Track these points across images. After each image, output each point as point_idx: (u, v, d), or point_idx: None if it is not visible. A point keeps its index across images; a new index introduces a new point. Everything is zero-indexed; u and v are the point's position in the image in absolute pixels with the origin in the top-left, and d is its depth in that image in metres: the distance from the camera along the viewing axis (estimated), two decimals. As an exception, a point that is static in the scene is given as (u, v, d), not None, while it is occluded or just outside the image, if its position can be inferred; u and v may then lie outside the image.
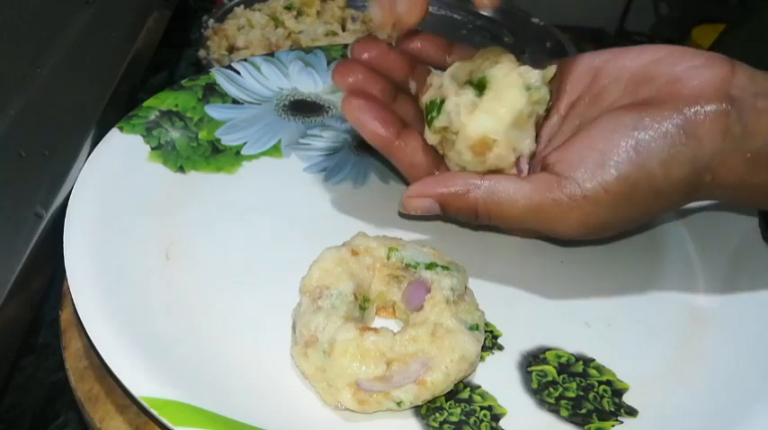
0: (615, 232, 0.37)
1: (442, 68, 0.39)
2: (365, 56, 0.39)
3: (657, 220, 0.43)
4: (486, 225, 0.37)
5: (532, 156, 0.37)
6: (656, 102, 0.34)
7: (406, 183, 0.44)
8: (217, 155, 0.45)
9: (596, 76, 0.38)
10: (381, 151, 0.39)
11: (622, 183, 0.33)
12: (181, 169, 0.43)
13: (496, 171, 0.37)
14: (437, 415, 0.32)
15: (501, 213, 0.35)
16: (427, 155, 0.38)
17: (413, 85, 0.40)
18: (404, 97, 0.40)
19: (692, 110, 0.33)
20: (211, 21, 0.64)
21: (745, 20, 0.64)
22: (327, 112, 0.49)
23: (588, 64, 0.38)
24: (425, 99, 0.38)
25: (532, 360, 0.34)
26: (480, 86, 0.36)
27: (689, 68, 0.34)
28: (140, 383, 0.30)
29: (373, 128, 0.37)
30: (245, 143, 0.46)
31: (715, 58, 0.35)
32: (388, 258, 0.35)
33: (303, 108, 0.49)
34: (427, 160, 0.38)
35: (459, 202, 0.36)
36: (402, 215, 0.41)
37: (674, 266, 0.40)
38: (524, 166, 0.37)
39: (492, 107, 0.36)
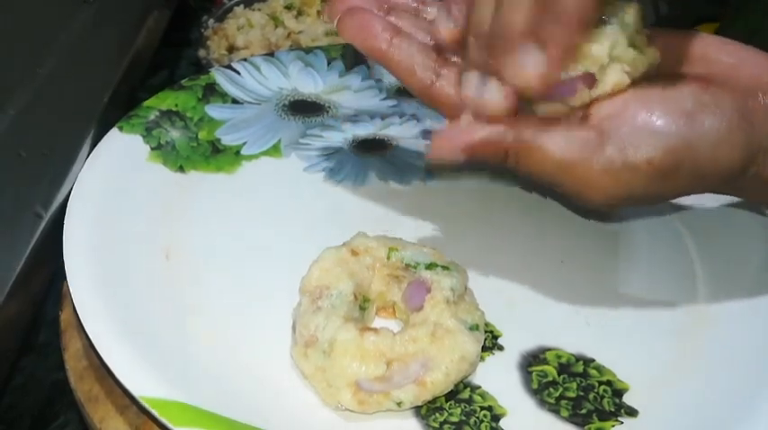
0: (637, 205, 0.35)
1: None
2: None
3: (658, 221, 0.42)
4: (513, 170, 0.34)
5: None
6: (716, 81, 0.32)
7: (406, 183, 0.44)
8: (217, 155, 0.45)
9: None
10: (374, 56, 0.35)
11: (669, 158, 0.31)
12: (181, 169, 0.43)
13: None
14: (437, 415, 0.32)
15: (530, 164, 0.32)
16: (427, 57, 0.35)
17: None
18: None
19: (751, 96, 0.32)
20: (211, 20, 0.64)
21: (736, 18, 0.64)
22: (327, 112, 0.49)
23: None
24: None
25: (532, 360, 0.34)
26: None
27: (748, 56, 0.33)
28: (140, 383, 0.30)
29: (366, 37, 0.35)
30: (244, 143, 0.46)
31: None
32: (388, 258, 0.35)
33: (303, 108, 0.49)
34: (427, 63, 0.35)
35: (487, 150, 0.33)
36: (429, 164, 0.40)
37: (673, 265, 0.40)
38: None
39: None
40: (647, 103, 0.32)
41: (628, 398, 0.33)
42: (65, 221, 0.36)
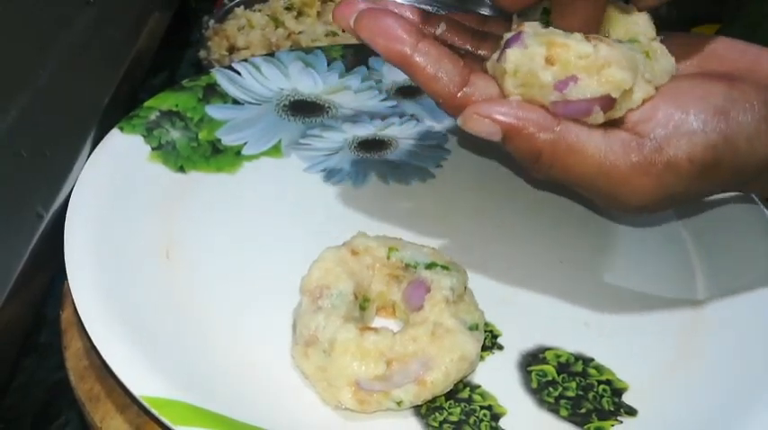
0: (672, 207, 0.34)
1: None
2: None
3: (656, 220, 0.43)
4: (539, 177, 0.33)
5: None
6: (737, 78, 0.33)
7: (406, 183, 0.44)
8: (217, 155, 0.45)
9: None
10: (396, 62, 0.33)
11: (709, 154, 0.31)
12: (181, 169, 0.43)
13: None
14: (437, 414, 0.32)
15: (567, 165, 0.31)
16: (455, 64, 0.33)
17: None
18: None
19: None
20: (212, 21, 0.64)
21: (736, 18, 0.64)
22: (327, 113, 0.49)
23: None
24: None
25: (532, 359, 0.34)
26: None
27: (760, 53, 0.34)
28: (141, 383, 0.30)
29: (387, 40, 0.32)
30: (245, 143, 0.46)
31: None
32: (388, 258, 0.35)
33: (303, 108, 0.49)
34: (454, 70, 0.33)
35: (524, 141, 0.31)
36: (460, 130, 0.34)
37: (673, 265, 0.40)
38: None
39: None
40: (678, 103, 0.32)
41: (627, 398, 0.33)
42: (66, 221, 0.36)
